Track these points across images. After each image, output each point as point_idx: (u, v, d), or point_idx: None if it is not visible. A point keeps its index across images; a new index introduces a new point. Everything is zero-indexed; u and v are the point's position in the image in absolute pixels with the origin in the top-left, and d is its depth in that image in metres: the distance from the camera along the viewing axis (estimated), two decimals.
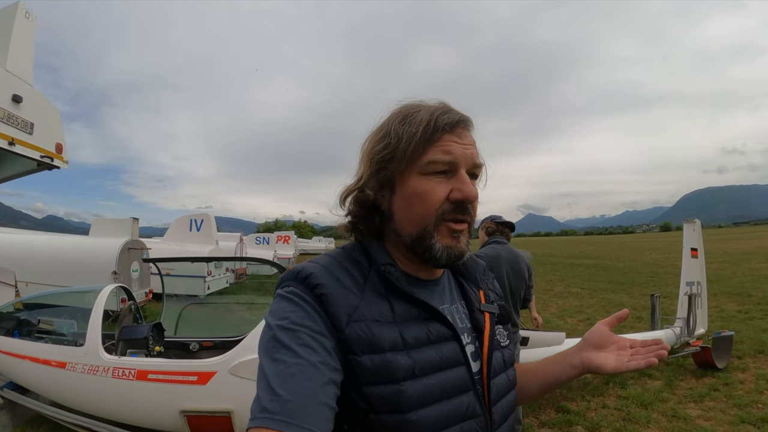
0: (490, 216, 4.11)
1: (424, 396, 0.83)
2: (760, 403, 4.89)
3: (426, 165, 0.88)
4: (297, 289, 0.86)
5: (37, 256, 10.58)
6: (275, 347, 0.77)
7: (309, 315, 0.82)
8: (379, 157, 0.92)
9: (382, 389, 0.81)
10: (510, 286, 3.84)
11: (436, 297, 0.98)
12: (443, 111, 0.90)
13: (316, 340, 0.79)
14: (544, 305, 11.90)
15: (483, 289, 1.10)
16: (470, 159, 0.90)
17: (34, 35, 6.04)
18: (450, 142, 0.89)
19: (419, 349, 0.86)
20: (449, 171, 0.89)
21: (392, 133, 0.91)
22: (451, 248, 0.90)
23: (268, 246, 24.98)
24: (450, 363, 0.88)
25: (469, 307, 1.03)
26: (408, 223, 0.91)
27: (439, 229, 0.89)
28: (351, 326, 0.82)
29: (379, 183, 0.94)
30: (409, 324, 0.87)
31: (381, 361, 0.81)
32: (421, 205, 0.89)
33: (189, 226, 15.36)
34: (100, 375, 3.76)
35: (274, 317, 0.82)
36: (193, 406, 3.59)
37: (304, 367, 0.75)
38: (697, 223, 7.04)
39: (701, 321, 6.79)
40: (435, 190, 0.88)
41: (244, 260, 15.88)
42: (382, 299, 0.88)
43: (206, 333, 5.20)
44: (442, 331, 0.90)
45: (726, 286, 13.10)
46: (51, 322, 4.57)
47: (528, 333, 4.49)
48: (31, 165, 6.25)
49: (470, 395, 0.89)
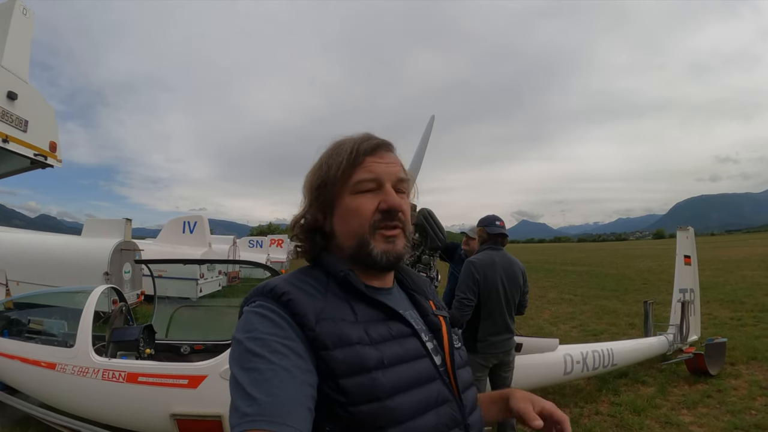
0: (486, 219, 4.07)
1: (397, 384, 0.88)
2: (753, 410, 4.90)
3: (355, 185, 1.01)
4: (264, 302, 0.91)
5: (29, 256, 10.47)
6: (247, 357, 0.80)
7: (276, 324, 0.86)
8: (316, 185, 1.05)
9: (357, 379, 0.85)
10: (505, 291, 3.83)
11: (391, 302, 1.04)
12: (364, 139, 1.04)
13: (285, 345, 0.82)
14: (537, 311, 11.92)
15: (432, 299, 1.18)
16: (394, 175, 1.03)
17: (30, 32, 6.01)
18: (372, 162, 1.02)
19: (384, 343, 0.92)
20: (376, 188, 1.01)
21: (324, 164, 1.04)
22: (389, 251, 1.00)
23: (261, 249, 24.87)
24: (414, 355, 0.96)
25: (421, 313, 1.11)
26: (347, 237, 1.02)
27: (375, 237, 0.99)
28: (320, 324, 0.88)
29: (319, 208, 1.05)
30: (372, 323, 0.95)
31: (352, 352, 0.87)
32: (356, 219, 1.00)
33: (182, 228, 15.29)
34: (89, 377, 3.72)
35: (243, 332, 0.86)
36: (183, 409, 3.55)
37: (278, 371, 0.78)
38: (690, 230, 7.07)
39: (694, 328, 6.81)
40: (365, 205, 1.00)
41: (236, 263, 15.83)
42: (343, 303, 0.96)
43: (198, 336, 5.17)
44: (402, 329, 0.98)
45: (719, 293, 13.14)
46: (41, 322, 4.52)
47: (522, 339, 4.48)
48: (25, 163, 6.21)
49: (438, 383, 0.96)
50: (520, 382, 4.23)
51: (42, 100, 6.28)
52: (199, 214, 15.65)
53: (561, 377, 4.96)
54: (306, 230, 1.07)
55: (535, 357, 4.66)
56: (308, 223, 1.06)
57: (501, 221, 4.04)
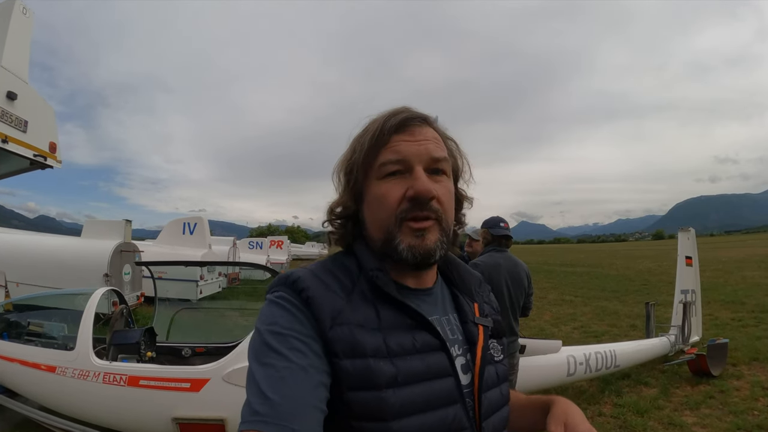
0: (490, 220, 4.05)
1: (407, 405, 0.80)
2: (755, 410, 4.90)
3: (379, 168, 0.91)
4: (285, 293, 0.86)
5: (28, 257, 10.42)
6: (265, 352, 0.78)
7: (297, 319, 0.82)
8: (345, 170, 0.97)
9: (363, 395, 0.79)
10: (509, 294, 3.81)
11: (425, 307, 0.95)
12: (393, 114, 0.93)
13: (305, 343, 0.79)
14: (538, 313, 11.89)
15: (478, 301, 1.08)
16: (425, 154, 0.91)
17: (30, 32, 5.99)
18: (399, 141, 0.91)
19: (403, 357, 0.84)
20: (404, 170, 0.90)
21: (351, 146, 0.97)
22: (415, 247, 0.88)
23: (261, 250, 24.86)
24: (436, 374, 0.86)
25: (461, 318, 1.01)
26: (375, 228, 0.93)
27: (402, 230, 0.89)
28: (334, 329, 0.82)
29: (350, 195, 0.97)
30: (395, 331, 0.86)
31: (363, 366, 0.80)
32: (382, 209, 0.90)
33: (182, 230, 15.25)
34: (90, 380, 3.70)
35: (264, 322, 0.83)
36: (185, 413, 3.53)
37: (294, 370, 0.75)
38: (691, 231, 7.07)
39: (696, 329, 6.81)
40: (391, 192, 0.89)
41: (237, 265, 15.82)
42: (368, 305, 0.88)
43: (199, 338, 5.16)
44: (429, 341, 0.88)
45: (719, 294, 13.15)
46: (41, 324, 4.50)
47: (525, 341, 4.47)
48: (24, 164, 6.19)
49: (457, 407, 0.87)
50: (524, 384, 4.22)
51: (42, 100, 6.26)
52: (198, 216, 15.63)
53: (564, 379, 4.95)
54: (339, 217, 1.00)
55: (538, 359, 4.65)
56: (341, 211, 0.99)
57: (505, 223, 4.02)
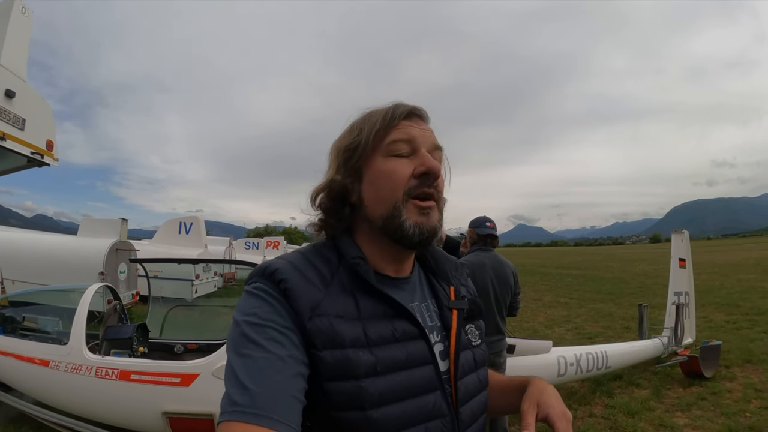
0: (476, 220, 4.08)
1: (387, 394, 0.82)
2: (747, 412, 4.91)
3: (388, 146, 0.93)
4: (264, 284, 0.86)
5: (25, 255, 10.45)
6: (243, 343, 0.78)
7: (275, 310, 0.82)
8: (346, 147, 0.97)
9: (342, 385, 0.81)
10: (495, 293, 3.83)
11: (405, 295, 0.98)
12: (400, 104, 0.98)
13: (283, 334, 0.80)
14: (532, 314, 11.93)
15: (454, 284, 1.10)
16: (429, 140, 0.96)
17: (29, 31, 6.01)
18: (408, 126, 0.95)
19: (383, 346, 0.85)
20: (411, 152, 0.94)
21: (356, 127, 0.97)
22: (422, 224, 0.91)
23: (257, 251, 24.89)
24: (416, 362, 0.88)
25: (439, 304, 1.03)
26: (378, 204, 0.93)
27: (408, 207, 0.91)
28: (313, 321, 0.82)
29: (347, 173, 0.97)
30: (374, 321, 0.87)
31: (342, 356, 0.81)
32: (389, 183, 0.92)
33: (178, 229, 15.27)
34: (83, 374, 3.72)
35: (242, 313, 0.83)
36: (175, 407, 3.55)
37: (273, 360, 0.76)
38: (685, 233, 7.09)
39: (689, 330, 6.82)
40: (400, 168, 0.92)
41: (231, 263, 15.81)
42: (347, 295, 0.89)
43: (191, 336, 5.16)
44: (409, 329, 0.90)
45: (714, 296, 13.19)
46: (36, 319, 4.52)
47: (515, 341, 4.48)
48: (22, 161, 6.20)
49: (437, 395, 0.89)
50: None
51: (40, 98, 6.28)
52: (195, 216, 15.64)
53: (555, 379, 4.95)
54: (333, 198, 0.98)
55: (528, 359, 4.65)
56: (336, 191, 0.97)
57: (491, 222, 4.04)
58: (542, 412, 0.89)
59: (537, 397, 0.92)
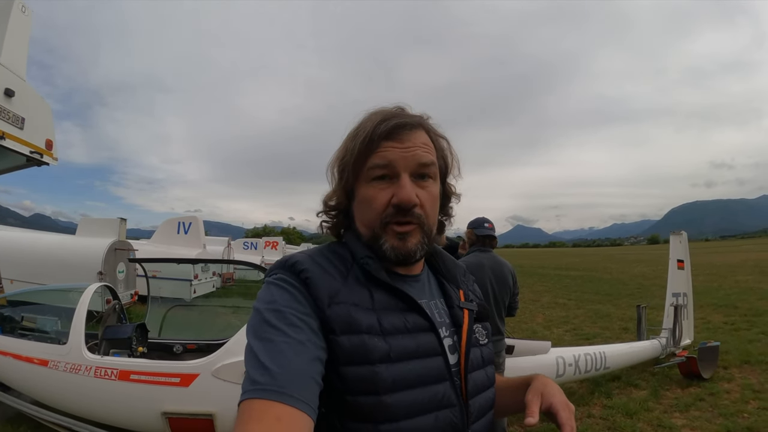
0: (475, 221, 4.09)
1: (399, 381, 0.85)
2: (745, 413, 4.92)
3: (368, 172, 0.95)
4: (284, 275, 0.91)
5: (23, 254, 10.42)
6: (263, 328, 0.81)
7: (295, 297, 0.86)
8: (339, 169, 1.01)
9: (358, 370, 0.83)
10: (494, 294, 3.84)
11: (414, 291, 1.00)
12: (384, 119, 0.95)
13: (302, 320, 0.83)
14: (531, 315, 11.95)
15: (463, 288, 1.13)
16: (412, 160, 0.94)
17: (29, 30, 6.01)
18: (388, 148, 0.94)
19: (396, 335, 0.89)
20: (391, 176, 0.94)
21: (343, 147, 1.01)
22: (398, 248, 0.94)
23: (255, 251, 24.83)
24: (426, 352, 0.91)
25: (448, 304, 1.06)
26: (362, 226, 0.99)
27: (386, 231, 0.95)
28: (332, 308, 0.86)
29: (343, 192, 1.02)
30: (387, 312, 0.91)
31: (358, 341, 0.85)
32: (369, 210, 0.96)
33: (177, 229, 15.23)
34: (82, 374, 3.71)
35: (263, 302, 0.86)
36: (175, 408, 3.54)
37: (292, 344, 0.78)
38: (683, 235, 7.11)
39: (687, 331, 6.83)
40: (378, 197, 0.94)
41: (231, 263, 15.78)
42: (363, 288, 0.93)
43: (191, 336, 5.16)
44: (420, 322, 0.93)
45: (713, 298, 13.21)
46: (34, 319, 4.51)
47: (514, 342, 4.48)
48: (21, 160, 6.19)
49: (446, 385, 0.91)
50: None
51: (39, 97, 6.27)
52: (193, 215, 15.62)
53: (553, 380, 4.95)
54: (332, 209, 1.05)
55: (526, 359, 4.65)
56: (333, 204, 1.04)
57: (490, 223, 4.05)
58: (546, 402, 0.92)
59: (541, 389, 0.96)
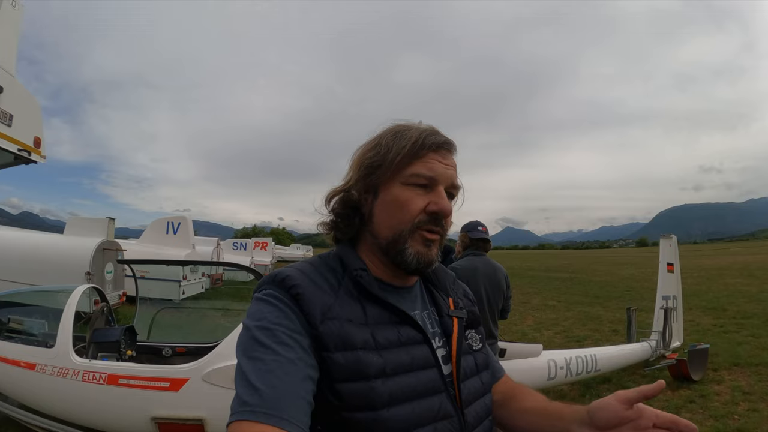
0: (469, 224, 4.08)
1: (396, 394, 0.85)
2: (735, 415, 4.95)
3: (409, 176, 0.96)
4: (274, 291, 0.90)
5: (9, 253, 10.24)
6: (253, 346, 0.80)
7: (286, 315, 0.85)
8: (369, 163, 1.00)
9: (354, 386, 0.83)
10: (487, 297, 3.83)
11: (407, 303, 1.02)
12: (431, 132, 0.99)
13: (292, 338, 0.82)
14: (520, 317, 11.99)
15: (452, 296, 1.14)
16: (449, 179, 0.98)
17: (19, 25, 5.92)
18: (434, 160, 0.97)
19: (390, 349, 0.89)
20: (429, 185, 0.96)
21: (383, 144, 0.99)
22: (422, 255, 0.96)
23: (245, 252, 24.72)
24: (421, 365, 0.92)
25: (439, 312, 1.08)
26: (385, 227, 0.98)
27: (413, 236, 0.95)
28: (325, 323, 0.86)
29: (364, 187, 1.01)
30: (381, 326, 0.92)
31: (353, 358, 0.85)
32: (400, 212, 0.96)
33: (165, 229, 15.10)
34: (70, 378, 3.64)
35: (252, 319, 0.86)
36: (164, 413, 3.49)
37: (282, 363, 0.78)
38: (673, 238, 7.16)
39: (677, 334, 6.89)
40: (414, 200, 0.95)
41: (220, 265, 15.74)
42: (355, 302, 0.93)
43: (180, 338, 5.11)
44: (413, 335, 0.94)
45: (702, 300, 13.30)
46: (21, 321, 4.42)
47: (505, 345, 4.49)
48: (8, 158, 6.11)
49: (442, 396, 0.92)
50: None
51: (28, 94, 6.19)
52: (183, 215, 15.50)
53: (545, 383, 4.96)
54: (345, 205, 1.02)
55: (518, 362, 4.65)
56: (350, 199, 1.01)
57: (483, 227, 4.05)
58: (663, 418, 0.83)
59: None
